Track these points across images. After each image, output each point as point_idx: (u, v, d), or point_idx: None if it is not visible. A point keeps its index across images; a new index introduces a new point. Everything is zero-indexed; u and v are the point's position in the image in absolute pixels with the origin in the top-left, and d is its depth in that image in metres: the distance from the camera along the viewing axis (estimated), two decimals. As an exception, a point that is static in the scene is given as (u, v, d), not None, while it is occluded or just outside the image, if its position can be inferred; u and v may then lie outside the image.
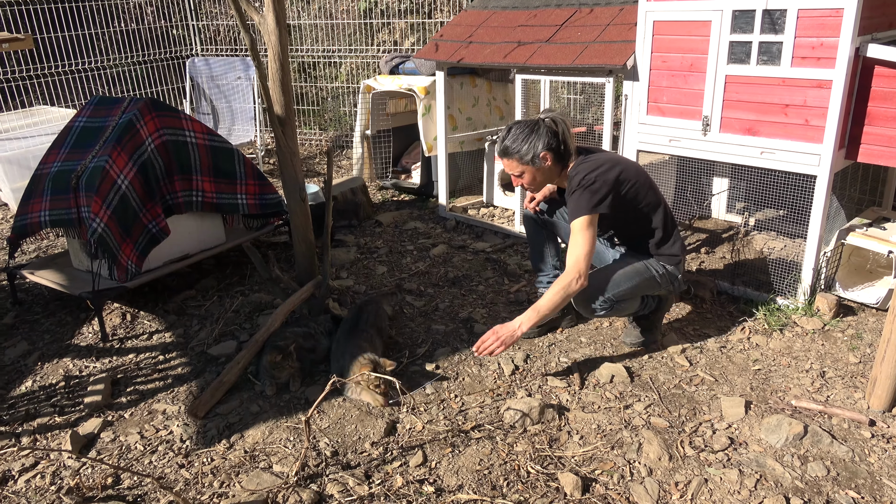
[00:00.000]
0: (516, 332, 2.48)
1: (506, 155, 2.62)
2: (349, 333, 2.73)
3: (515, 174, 2.65)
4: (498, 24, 4.13)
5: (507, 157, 2.62)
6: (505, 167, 2.69)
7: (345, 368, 2.56)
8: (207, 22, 7.12)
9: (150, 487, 2.14)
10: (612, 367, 2.71)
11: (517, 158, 2.59)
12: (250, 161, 3.57)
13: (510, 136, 2.60)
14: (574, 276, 2.47)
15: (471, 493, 2.08)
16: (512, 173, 2.67)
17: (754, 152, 3.06)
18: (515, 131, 2.60)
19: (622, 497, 2.06)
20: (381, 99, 5.10)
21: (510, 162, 2.63)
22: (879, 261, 3.23)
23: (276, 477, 2.17)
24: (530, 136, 2.56)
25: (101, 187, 2.98)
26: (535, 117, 2.64)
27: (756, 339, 2.90)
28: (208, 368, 2.83)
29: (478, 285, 3.54)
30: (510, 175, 2.71)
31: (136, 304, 3.37)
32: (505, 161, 2.65)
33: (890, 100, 2.83)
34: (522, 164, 2.60)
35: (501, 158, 2.67)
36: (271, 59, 2.85)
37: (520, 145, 2.57)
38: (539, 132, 2.56)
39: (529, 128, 2.58)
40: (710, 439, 2.30)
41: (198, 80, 5.94)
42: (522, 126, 2.59)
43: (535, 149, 2.55)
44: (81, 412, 2.55)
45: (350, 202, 4.48)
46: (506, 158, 2.63)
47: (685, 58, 3.16)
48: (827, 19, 2.73)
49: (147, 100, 3.22)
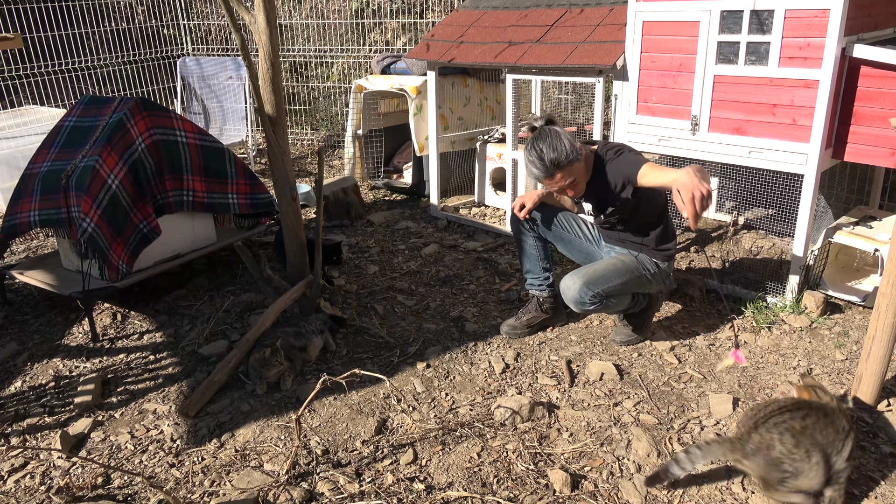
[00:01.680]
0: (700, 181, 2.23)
1: (557, 167, 2.52)
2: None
3: (569, 182, 2.57)
4: (489, 24, 4.14)
5: (559, 167, 2.52)
6: (557, 184, 2.57)
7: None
8: (199, 21, 7.10)
9: (141, 486, 2.14)
10: (601, 364, 2.72)
11: (567, 163, 2.52)
12: (241, 161, 3.57)
13: (545, 150, 2.50)
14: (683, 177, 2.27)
15: (461, 491, 2.09)
16: (565, 185, 2.57)
17: (743, 152, 3.08)
18: (544, 145, 2.51)
19: (611, 493, 2.08)
20: (372, 99, 5.10)
21: (564, 172, 2.53)
22: (866, 259, 3.26)
23: (266, 475, 2.18)
24: (559, 136, 2.52)
25: (92, 187, 2.97)
26: (538, 129, 2.58)
27: (744, 337, 2.93)
28: (199, 368, 2.83)
29: (469, 284, 3.55)
30: (557, 191, 2.62)
31: (126, 303, 3.37)
32: (558, 175, 2.54)
33: (876, 99, 2.86)
34: (571, 166, 2.53)
35: (552, 176, 2.54)
36: (262, 59, 2.85)
37: (562, 148, 2.51)
38: (558, 131, 2.54)
39: (551, 134, 2.52)
40: (699, 436, 2.32)
41: (189, 79, 5.93)
42: (544, 137, 2.53)
43: (572, 143, 2.52)
44: (71, 412, 2.55)
45: (342, 202, 4.48)
46: (558, 171, 2.53)
47: (674, 58, 3.19)
48: (813, 20, 2.76)
49: (137, 99, 3.22)
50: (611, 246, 2.91)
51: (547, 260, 3.01)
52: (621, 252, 2.84)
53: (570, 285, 2.65)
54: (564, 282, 2.69)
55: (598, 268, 2.68)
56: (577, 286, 2.62)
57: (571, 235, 2.98)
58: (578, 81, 3.56)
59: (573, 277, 2.66)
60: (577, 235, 2.98)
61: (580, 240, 2.98)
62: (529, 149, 2.57)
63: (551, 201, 2.99)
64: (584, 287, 2.62)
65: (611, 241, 2.91)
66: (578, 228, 2.99)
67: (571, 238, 2.98)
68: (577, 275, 2.66)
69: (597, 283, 2.64)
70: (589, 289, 2.62)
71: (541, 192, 2.92)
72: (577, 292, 2.63)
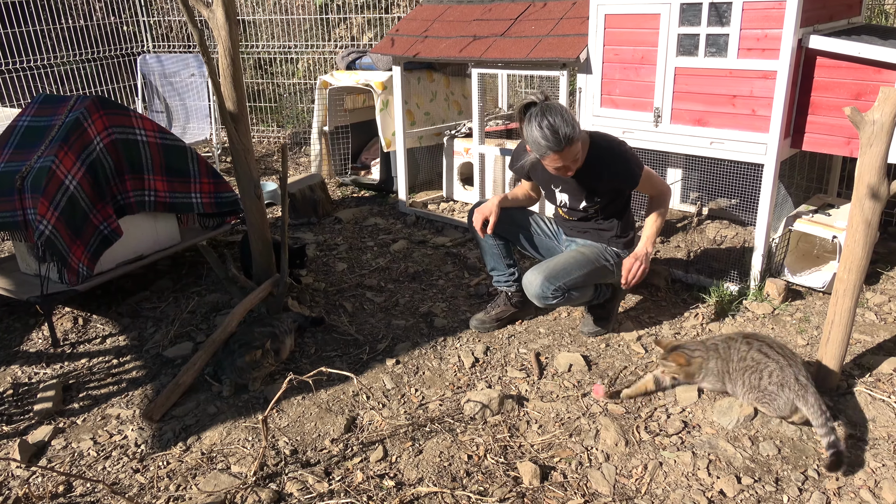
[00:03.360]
0: (650, 253, 2.72)
1: (569, 141, 2.44)
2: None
3: (573, 159, 2.52)
4: (453, 19, 4.13)
5: (571, 142, 2.45)
6: (567, 159, 2.51)
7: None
8: (159, 18, 6.96)
9: (104, 494, 2.10)
10: (569, 356, 2.74)
11: (578, 138, 2.47)
12: (204, 159, 3.51)
13: (557, 123, 2.42)
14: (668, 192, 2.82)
15: (431, 486, 2.09)
16: (569, 162, 2.52)
17: (704, 142, 3.13)
18: (556, 118, 2.42)
19: (580, 483, 2.09)
20: (338, 95, 5.06)
21: (573, 147, 2.47)
22: (826, 246, 3.33)
23: (234, 478, 2.15)
24: (567, 112, 2.46)
25: (48, 188, 2.89)
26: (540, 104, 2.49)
27: (709, 325, 2.97)
28: (164, 371, 2.78)
29: (438, 280, 3.55)
30: (557, 169, 2.56)
31: (88, 307, 3.29)
32: (569, 150, 2.47)
33: (831, 89, 2.92)
34: (579, 144, 2.49)
35: (562, 150, 2.46)
36: (222, 55, 2.80)
37: (572, 122, 2.44)
38: (562, 106, 2.48)
39: (559, 109, 2.45)
40: (665, 423, 2.35)
41: (150, 77, 5.81)
42: (553, 111, 2.44)
43: (575, 120, 2.49)
44: (31, 420, 2.48)
45: (308, 199, 4.44)
46: (569, 147, 2.46)
47: (636, 50, 3.21)
48: (770, 11, 2.81)
49: (94, 98, 3.14)
50: (571, 239, 2.93)
51: (510, 256, 3.01)
52: (582, 244, 2.86)
53: (531, 281, 2.66)
54: (526, 277, 2.69)
55: (559, 261, 2.70)
56: (538, 281, 2.62)
57: (530, 233, 2.98)
58: (543, 75, 3.57)
59: (534, 273, 2.66)
60: (536, 232, 2.99)
61: (540, 236, 2.99)
62: (538, 121, 2.44)
63: (506, 203, 2.92)
64: (545, 282, 2.63)
65: (572, 233, 2.93)
66: (537, 225, 3.00)
67: (531, 236, 2.99)
68: (538, 270, 2.67)
69: (558, 276, 2.65)
70: (551, 283, 2.63)
71: (499, 199, 2.84)
72: (539, 287, 2.63)
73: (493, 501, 2.02)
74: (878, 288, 3.24)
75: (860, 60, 2.80)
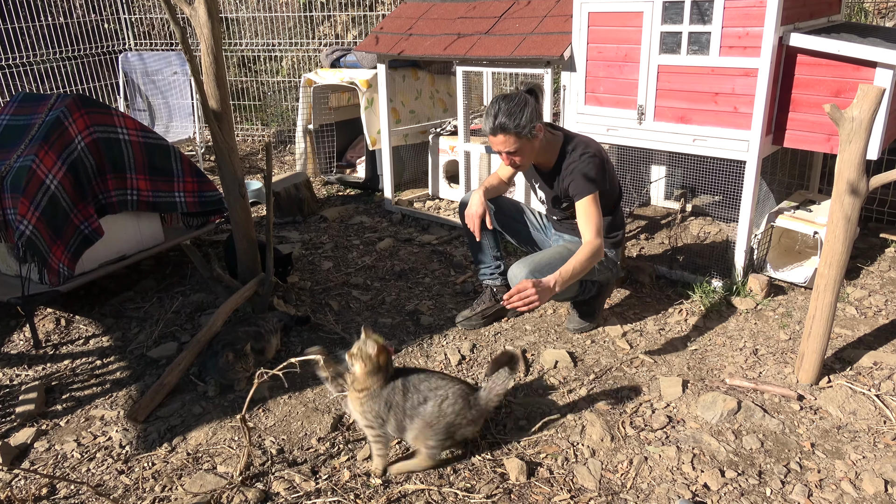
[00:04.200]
0: (553, 290, 2.37)
1: (503, 130, 2.50)
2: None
3: (510, 150, 2.56)
4: (438, 17, 4.13)
5: (505, 132, 2.50)
6: (497, 145, 2.56)
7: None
8: (140, 15, 6.89)
9: (88, 496, 2.08)
10: (555, 352, 2.76)
11: (514, 133, 2.50)
12: (188, 158, 3.49)
13: (502, 110, 2.49)
14: (598, 241, 2.51)
15: (418, 484, 2.09)
16: (505, 150, 2.56)
17: (687, 140, 3.15)
18: (506, 105, 2.49)
19: (566, 479, 2.11)
20: (322, 93, 5.04)
21: (507, 138, 2.51)
22: (807, 242, 3.37)
23: (220, 478, 2.14)
24: (524, 108, 2.49)
25: (28, 188, 2.86)
26: (515, 91, 2.54)
27: (693, 321, 3.00)
28: (148, 371, 2.75)
29: (424, 278, 3.55)
30: (500, 153, 2.59)
31: (70, 308, 3.25)
32: (500, 137, 2.52)
33: (812, 87, 2.96)
34: (520, 139, 2.52)
35: (495, 136, 2.53)
36: (204, 53, 2.78)
37: (517, 118, 2.48)
38: (529, 104, 2.51)
39: (519, 101, 2.50)
40: (650, 418, 2.37)
41: (132, 75, 5.74)
42: (511, 100, 2.50)
43: (531, 121, 2.50)
44: (13, 422, 2.45)
45: (294, 198, 4.42)
46: (502, 134, 2.51)
47: (620, 48, 3.23)
48: (751, 9, 2.83)
49: (75, 96, 3.11)
50: (559, 234, 2.94)
51: (497, 249, 3.03)
52: (569, 240, 2.87)
53: (517, 274, 2.66)
54: (512, 270, 2.69)
55: (545, 256, 2.70)
56: (523, 274, 2.62)
57: (519, 224, 3.00)
58: (528, 73, 3.58)
59: (520, 266, 2.66)
60: (525, 224, 3.00)
61: (529, 228, 3.01)
62: (491, 102, 2.55)
63: (489, 194, 2.93)
64: (530, 275, 2.62)
65: (561, 228, 2.94)
66: (527, 217, 3.01)
67: (520, 227, 3.00)
68: (523, 263, 2.67)
69: (543, 270, 2.64)
70: (535, 276, 2.63)
71: (481, 193, 2.83)
72: (524, 280, 2.63)
73: (480, 498, 2.02)
74: (859, 283, 3.29)
75: (840, 58, 2.83)
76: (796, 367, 2.57)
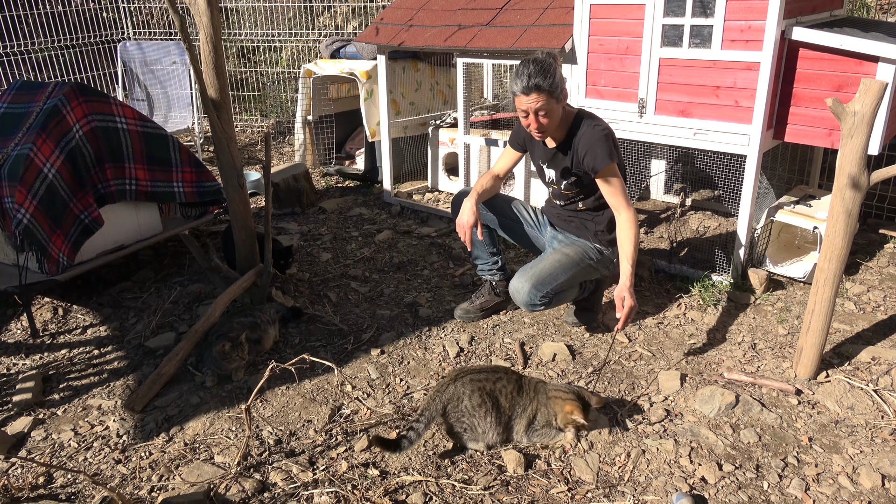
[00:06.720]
0: (633, 282, 2.51)
1: (537, 89, 2.42)
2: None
3: (541, 112, 2.48)
4: (438, 8, 4.11)
5: (538, 91, 2.43)
6: (528, 104, 2.47)
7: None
8: (139, 4, 6.85)
9: (84, 484, 2.08)
10: (554, 346, 2.75)
11: (548, 91, 2.43)
12: (186, 148, 3.47)
13: (536, 69, 2.41)
14: (632, 211, 2.59)
15: (416, 475, 2.09)
16: (535, 109, 2.48)
17: (688, 133, 3.14)
18: (538, 65, 2.42)
19: (564, 471, 2.11)
20: (322, 84, 5.02)
21: (540, 96, 2.43)
22: (806, 237, 3.37)
23: (217, 468, 2.13)
24: (555, 68, 2.44)
25: (26, 176, 2.84)
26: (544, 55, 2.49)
27: (691, 315, 3.00)
28: (146, 361, 2.75)
29: (423, 270, 3.54)
30: (524, 119, 2.54)
31: (68, 297, 3.25)
32: (534, 96, 2.44)
33: (814, 81, 2.94)
34: (552, 98, 2.45)
35: (528, 94, 2.45)
36: (203, 42, 2.76)
37: (551, 77, 2.41)
38: (552, 62, 2.45)
39: (549, 62, 2.44)
40: (648, 412, 2.37)
41: (130, 65, 5.71)
42: (541, 61, 2.43)
43: (561, 82, 2.46)
44: (10, 411, 2.45)
45: (292, 189, 4.41)
46: (535, 93, 2.43)
47: (621, 41, 3.21)
48: (754, 3, 2.82)
49: (73, 84, 3.09)
50: (556, 232, 2.92)
51: (493, 245, 3.01)
52: (564, 242, 2.85)
53: (519, 289, 2.64)
54: (513, 285, 2.68)
55: (545, 266, 2.68)
56: (526, 289, 2.61)
57: (514, 222, 2.99)
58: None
59: (521, 281, 2.64)
60: (519, 221, 2.99)
61: (524, 225, 2.99)
62: (524, 61, 2.46)
63: (490, 193, 2.90)
64: (532, 290, 2.62)
65: (559, 222, 2.92)
66: (520, 214, 2.99)
67: (514, 225, 2.99)
68: (524, 277, 2.65)
69: (545, 282, 2.64)
70: (538, 290, 2.62)
71: (473, 201, 2.77)
72: (526, 295, 2.63)
73: (477, 490, 2.03)
74: (858, 278, 3.29)
75: (842, 52, 2.82)
76: (794, 361, 2.57)
